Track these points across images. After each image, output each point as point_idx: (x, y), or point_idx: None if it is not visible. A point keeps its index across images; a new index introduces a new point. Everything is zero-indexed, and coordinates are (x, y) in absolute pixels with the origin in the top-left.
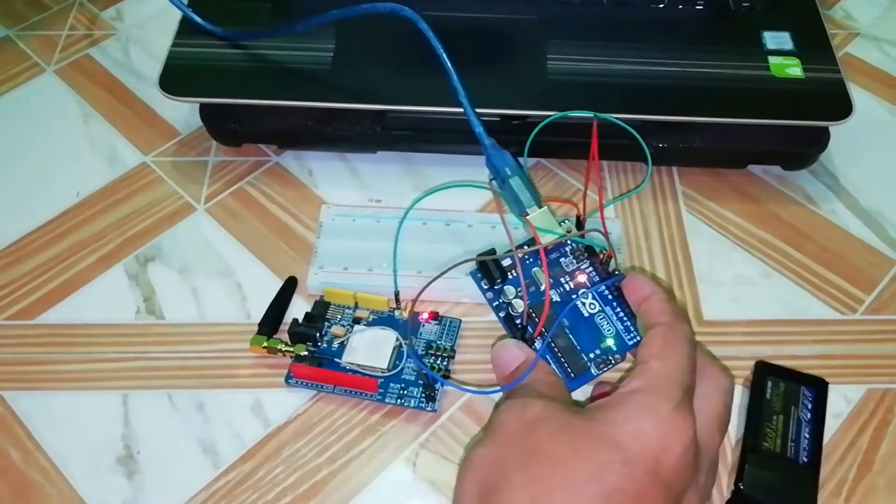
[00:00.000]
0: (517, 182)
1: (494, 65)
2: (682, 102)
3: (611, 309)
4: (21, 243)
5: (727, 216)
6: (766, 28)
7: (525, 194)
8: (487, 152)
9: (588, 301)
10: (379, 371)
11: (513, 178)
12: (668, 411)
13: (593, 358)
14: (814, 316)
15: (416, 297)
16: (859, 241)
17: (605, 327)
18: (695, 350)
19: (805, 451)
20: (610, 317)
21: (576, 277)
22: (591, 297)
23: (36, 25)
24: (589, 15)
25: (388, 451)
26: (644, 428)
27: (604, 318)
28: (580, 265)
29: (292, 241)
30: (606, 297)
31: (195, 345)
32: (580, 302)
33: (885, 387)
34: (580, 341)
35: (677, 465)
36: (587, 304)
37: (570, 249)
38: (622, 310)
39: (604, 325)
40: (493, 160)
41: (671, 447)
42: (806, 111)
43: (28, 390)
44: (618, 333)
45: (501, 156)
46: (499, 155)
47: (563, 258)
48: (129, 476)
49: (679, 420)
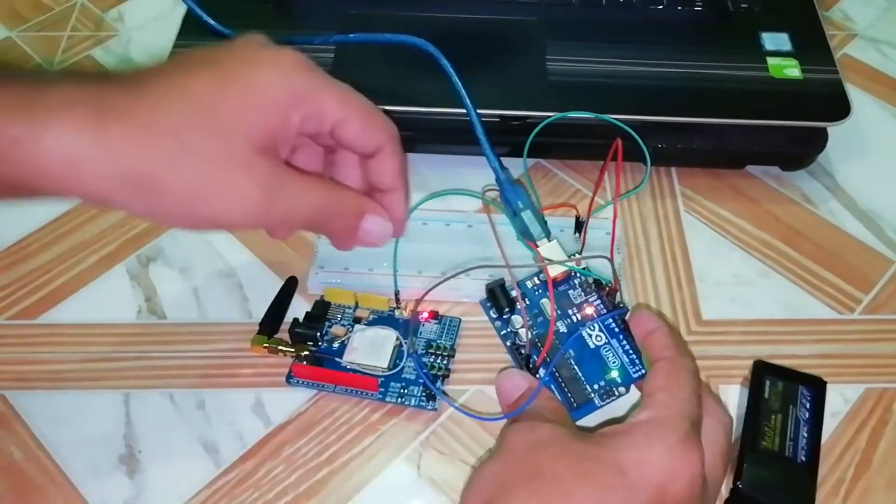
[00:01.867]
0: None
1: (494, 65)
2: (680, 103)
3: (617, 341)
4: (23, 243)
5: (726, 216)
6: (764, 29)
7: (536, 227)
8: (502, 186)
9: (595, 333)
10: (379, 370)
11: (525, 211)
12: (675, 441)
13: (597, 389)
14: (812, 316)
15: (421, 297)
16: (857, 241)
17: (610, 359)
18: (699, 383)
19: (803, 450)
20: (615, 349)
21: (583, 310)
22: (597, 329)
23: (38, 26)
24: (588, 16)
25: (389, 450)
26: (650, 456)
27: (609, 351)
28: (588, 297)
29: (293, 241)
30: (613, 329)
31: (196, 344)
32: (587, 333)
33: (882, 386)
34: (585, 372)
35: (682, 494)
36: (593, 335)
37: (579, 282)
38: (628, 343)
39: (609, 357)
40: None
41: (678, 477)
42: (804, 112)
43: (30, 390)
44: (623, 366)
45: (515, 190)
46: (512, 189)
47: (572, 290)
48: (131, 475)
49: (686, 450)
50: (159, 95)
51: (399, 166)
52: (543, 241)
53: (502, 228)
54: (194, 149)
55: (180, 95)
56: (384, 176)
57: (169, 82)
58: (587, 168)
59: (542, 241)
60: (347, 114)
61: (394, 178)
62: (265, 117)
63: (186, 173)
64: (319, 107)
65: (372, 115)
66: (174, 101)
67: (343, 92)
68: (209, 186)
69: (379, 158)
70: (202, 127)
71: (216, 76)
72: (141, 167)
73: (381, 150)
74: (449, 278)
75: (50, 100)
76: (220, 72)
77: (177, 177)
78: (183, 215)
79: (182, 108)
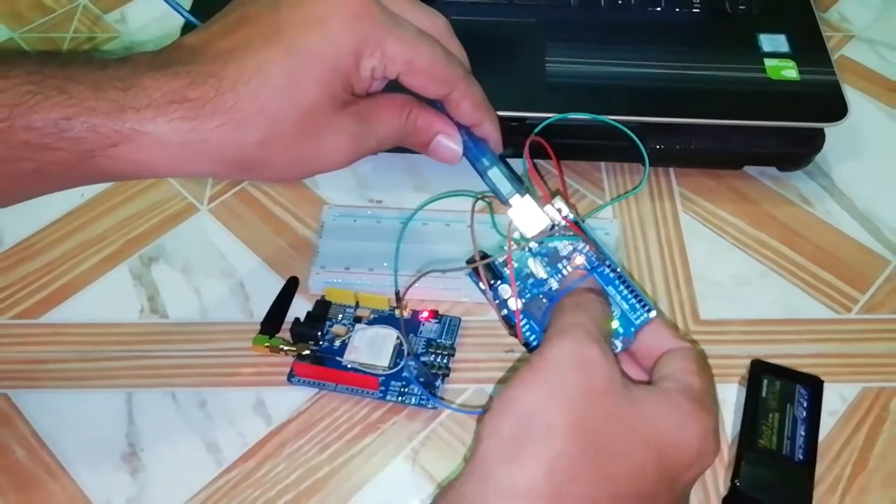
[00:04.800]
0: (495, 173)
1: (493, 67)
2: (679, 104)
3: (614, 289)
4: (26, 243)
5: (724, 217)
6: (762, 30)
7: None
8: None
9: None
10: (380, 369)
11: (490, 168)
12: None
13: None
14: (809, 315)
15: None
16: (854, 241)
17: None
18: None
19: (801, 448)
20: (613, 297)
21: (574, 260)
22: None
23: (40, 28)
24: (587, 18)
25: (390, 449)
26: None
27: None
28: (576, 245)
29: (294, 242)
30: (608, 276)
31: (198, 343)
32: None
33: (879, 385)
34: None
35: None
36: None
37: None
38: (626, 288)
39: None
40: (469, 153)
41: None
42: (801, 113)
43: (33, 389)
44: (623, 314)
45: (479, 147)
46: (477, 147)
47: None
48: (133, 473)
49: (716, 442)
50: (235, 79)
51: (472, 105)
52: (515, 197)
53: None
54: (283, 126)
55: (257, 77)
56: (462, 116)
57: (241, 65)
58: (586, 169)
59: (514, 197)
60: (410, 67)
61: (469, 115)
62: (340, 79)
63: (281, 148)
64: (384, 58)
65: (435, 67)
66: (252, 84)
67: (408, 43)
68: (304, 154)
69: (451, 102)
70: (286, 105)
71: (285, 50)
72: (241, 152)
73: (450, 95)
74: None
75: (138, 101)
76: (286, 42)
77: (274, 153)
78: (284, 177)
79: (262, 91)
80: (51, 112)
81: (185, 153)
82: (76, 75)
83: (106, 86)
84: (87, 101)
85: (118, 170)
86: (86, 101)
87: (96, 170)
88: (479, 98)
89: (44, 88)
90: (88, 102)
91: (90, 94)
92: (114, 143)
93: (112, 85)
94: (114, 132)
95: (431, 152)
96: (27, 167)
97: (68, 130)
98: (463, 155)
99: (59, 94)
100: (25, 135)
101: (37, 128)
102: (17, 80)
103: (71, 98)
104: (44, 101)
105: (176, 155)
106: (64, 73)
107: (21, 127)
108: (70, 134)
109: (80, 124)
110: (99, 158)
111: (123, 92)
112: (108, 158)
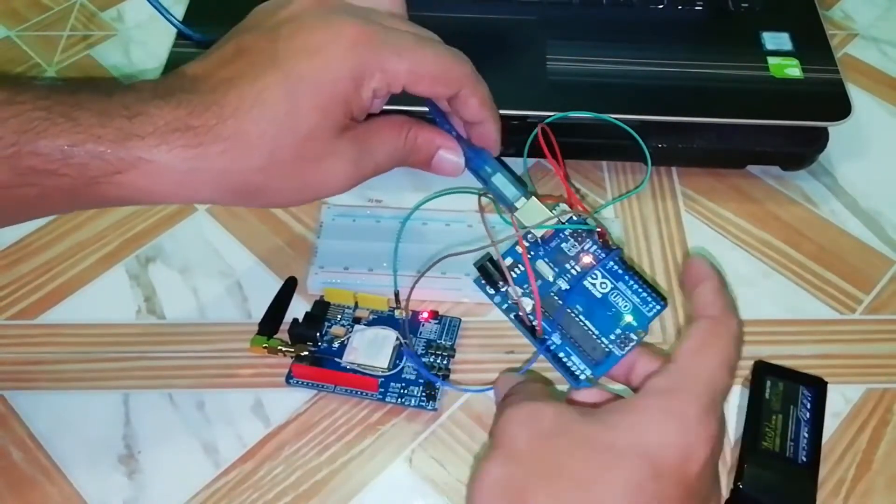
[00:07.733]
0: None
1: (494, 65)
2: (681, 103)
3: (623, 283)
4: (23, 243)
5: (726, 216)
6: (765, 28)
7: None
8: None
9: (598, 281)
10: (379, 370)
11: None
12: (692, 414)
13: (614, 339)
14: (813, 316)
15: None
16: (858, 241)
17: (621, 304)
18: (739, 349)
19: (804, 450)
20: (624, 292)
21: (581, 260)
22: (600, 276)
23: (37, 26)
24: (588, 16)
25: (389, 451)
26: (669, 435)
27: (618, 295)
28: (583, 245)
29: (293, 241)
30: (616, 272)
31: (196, 344)
32: (590, 283)
33: (883, 386)
34: (597, 325)
35: (703, 472)
36: (598, 283)
37: (570, 233)
38: (635, 281)
39: (619, 302)
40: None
41: (696, 455)
42: (805, 111)
43: (29, 390)
44: (635, 307)
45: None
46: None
47: (564, 243)
48: (130, 475)
49: (704, 424)
50: (236, 106)
51: (479, 102)
52: (521, 200)
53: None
54: (283, 152)
55: (257, 104)
56: (468, 114)
57: (241, 93)
58: (587, 168)
59: (520, 201)
60: (415, 77)
61: (476, 113)
62: (340, 105)
63: (282, 174)
64: (385, 76)
65: (441, 70)
66: (253, 111)
67: (409, 55)
68: (304, 180)
69: (459, 100)
70: (286, 131)
71: (283, 77)
72: (242, 178)
73: (457, 95)
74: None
75: (143, 129)
76: (284, 70)
77: (274, 179)
78: (284, 204)
79: (262, 118)
80: (58, 139)
81: (187, 180)
82: (84, 102)
83: (112, 113)
84: (93, 129)
85: (122, 196)
86: (92, 129)
87: (100, 195)
88: (486, 95)
89: (52, 115)
90: (95, 130)
91: (96, 122)
92: (118, 170)
93: (118, 113)
94: (118, 160)
95: (434, 168)
96: (32, 192)
97: (74, 157)
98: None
99: (66, 121)
100: (32, 160)
101: (43, 154)
102: (27, 107)
103: (78, 125)
104: (51, 128)
105: (178, 182)
106: (73, 99)
107: (28, 152)
108: (76, 161)
109: (85, 151)
110: (103, 185)
111: (129, 120)
112: (112, 185)
